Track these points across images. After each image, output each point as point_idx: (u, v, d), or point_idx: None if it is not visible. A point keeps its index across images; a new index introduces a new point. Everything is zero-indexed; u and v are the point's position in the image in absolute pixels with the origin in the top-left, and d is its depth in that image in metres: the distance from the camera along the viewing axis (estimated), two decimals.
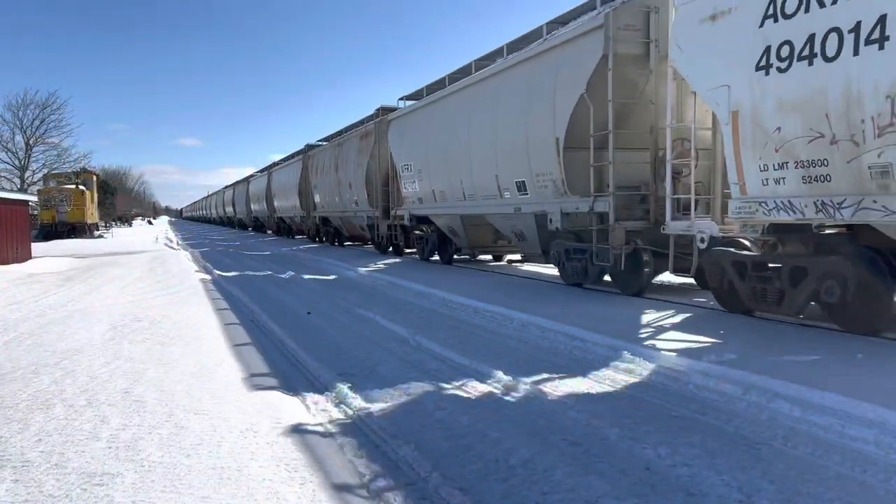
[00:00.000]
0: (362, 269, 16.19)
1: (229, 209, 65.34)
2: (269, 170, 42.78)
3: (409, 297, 11.59)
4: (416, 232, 18.61)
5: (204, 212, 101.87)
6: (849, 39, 6.15)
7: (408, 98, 18.19)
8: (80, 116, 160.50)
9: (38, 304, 10.97)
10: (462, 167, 14.08)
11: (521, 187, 11.88)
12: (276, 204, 38.90)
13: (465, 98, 14.06)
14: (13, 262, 18.89)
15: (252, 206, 48.79)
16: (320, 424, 4.90)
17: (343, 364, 6.73)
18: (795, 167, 6.79)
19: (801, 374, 5.35)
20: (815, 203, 6.61)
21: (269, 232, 44.22)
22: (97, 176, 51.47)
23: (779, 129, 6.88)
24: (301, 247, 27.95)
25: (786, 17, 6.75)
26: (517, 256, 16.96)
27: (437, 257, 17.67)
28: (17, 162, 50.58)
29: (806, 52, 6.52)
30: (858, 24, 6.04)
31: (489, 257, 17.80)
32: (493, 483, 3.82)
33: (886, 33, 5.78)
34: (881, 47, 5.83)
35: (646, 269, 9.81)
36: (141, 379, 5.86)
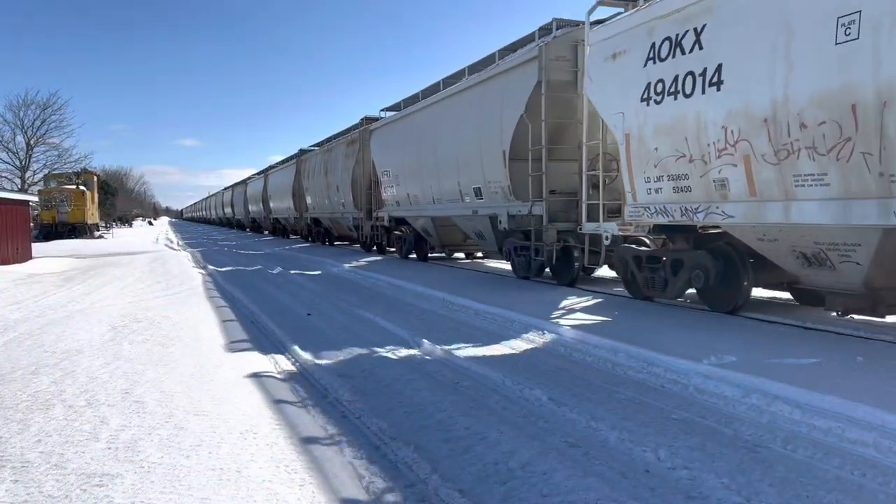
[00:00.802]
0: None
1: (228, 210, 66.78)
2: (265, 172, 44.05)
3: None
4: (396, 232, 20.23)
5: (204, 212, 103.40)
6: (699, 81, 7.93)
7: (388, 109, 19.92)
8: (80, 117, 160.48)
9: (38, 305, 10.97)
10: (431, 174, 15.83)
11: (478, 193, 13.72)
12: (272, 205, 40.40)
13: (434, 113, 15.82)
14: (13, 262, 18.90)
15: (250, 208, 50.20)
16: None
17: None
18: (668, 180, 8.61)
19: (802, 378, 5.36)
20: (681, 208, 8.44)
21: (266, 232, 45.43)
22: (97, 176, 51.48)
23: (656, 149, 8.67)
24: (294, 246, 29.49)
25: (661, 60, 8.54)
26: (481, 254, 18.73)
27: (414, 255, 19.29)
28: (17, 162, 50.56)
29: (672, 89, 8.34)
30: (705, 69, 7.81)
31: (462, 255, 19.19)
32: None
33: (722, 78, 7.57)
34: (718, 89, 7.64)
35: (576, 264, 11.52)
36: (141, 380, 5.86)
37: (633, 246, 10.00)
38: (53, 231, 38.98)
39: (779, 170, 7.07)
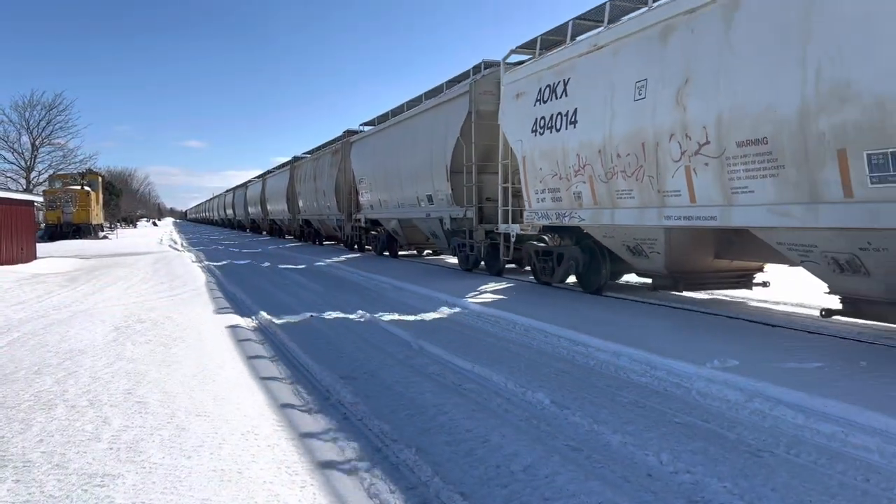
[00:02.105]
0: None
1: (230, 211, 69.38)
2: (263, 176, 46.58)
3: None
4: (372, 232, 23.11)
5: (207, 214, 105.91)
6: (565, 119, 10.73)
7: (366, 124, 22.94)
8: (86, 118, 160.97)
9: (42, 305, 10.99)
10: (396, 183, 18.83)
11: (430, 199, 16.56)
12: (269, 208, 43.10)
13: (398, 130, 18.89)
14: (18, 262, 18.94)
15: (249, 210, 52.87)
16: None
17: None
18: (548, 192, 11.41)
19: (805, 382, 5.33)
20: (556, 213, 11.28)
21: (264, 233, 47.71)
22: (102, 177, 51.61)
23: (541, 169, 11.46)
24: (287, 245, 32.69)
25: (544, 102, 11.31)
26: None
27: (387, 253, 21.88)
28: (23, 162, 50.61)
29: (550, 124, 11.14)
30: (568, 111, 10.65)
31: (429, 252, 21.52)
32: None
33: (577, 118, 10.42)
34: (575, 126, 10.47)
35: (501, 257, 13.75)
36: (143, 380, 5.85)
37: (535, 242, 12.74)
38: (58, 231, 39.08)
39: (608, 186, 9.87)
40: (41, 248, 23.78)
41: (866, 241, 6.50)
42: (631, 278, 12.25)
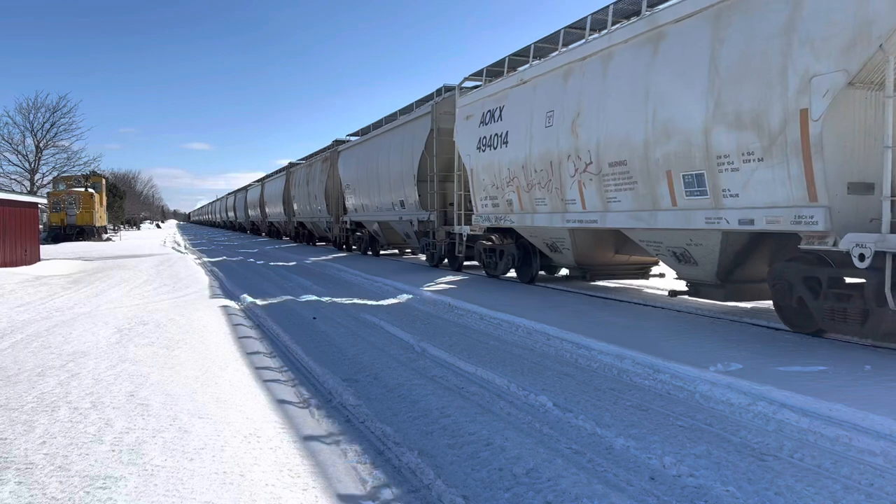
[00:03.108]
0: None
1: (231, 214, 71.95)
2: (262, 181, 48.95)
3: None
4: (357, 233, 25.34)
5: (210, 216, 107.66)
6: (499, 140, 13.00)
7: (353, 135, 25.81)
8: (91, 120, 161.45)
9: (45, 307, 11.00)
10: (375, 189, 21.26)
11: (402, 204, 18.87)
12: (267, 210, 45.42)
13: (377, 143, 21.31)
14: (22, 264, 18.97)
15: (249, 212, 55.25)
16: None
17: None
18: (489, 199, 13.75)
19: (809, 386, 5.31)
20: (494, 217, 13.61)
21: (263, 234, 49.70)
22: (106, 179, 51.68)
23: (484, 180, 13.81)
24: (283, 245, 35.02)
25: (486, 124, 13.63)
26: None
27: (371, 252, 24.35)
28: (27, 165, 50.74)
29: (489, 143, 13.46)
30: (502, 133, 12.92)
31: (408, 251, 23.70)
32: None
33: (508, 140, 12.66)
34: (507, 146, 12.74)
35: (458, 254, 15.98)
36: (146, 382, 5.85)
37: (484, 241, 14.81)
38: (62, 233, 39.14)
39: (529, 195, 12.15)
40: (45, 250, 23.83)
41: (690, 238, 8.71)
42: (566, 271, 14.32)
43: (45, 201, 38.00)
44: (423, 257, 21.12)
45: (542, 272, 13.97)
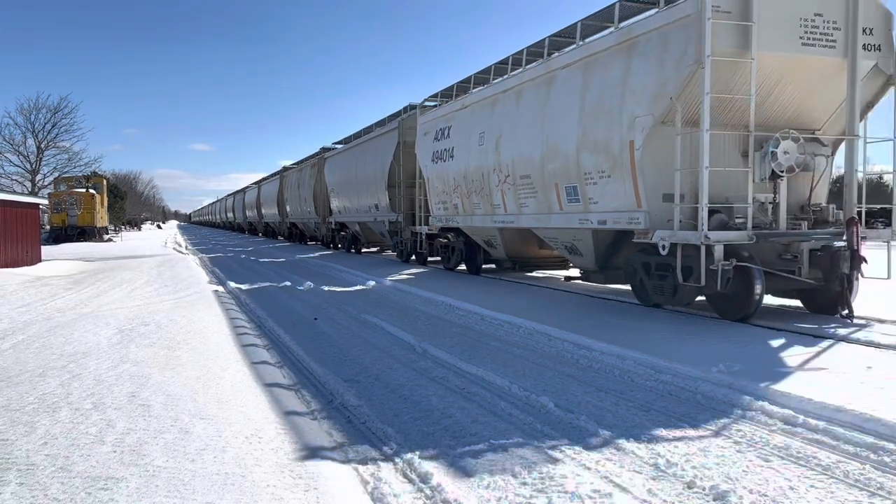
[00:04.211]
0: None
1: (230, 215, 73.78)
2: (259, 183, 51.09)
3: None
4: (342, 233, 27.71)
5: (210, 217, 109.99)
6: (447, 154, 15.43)
7: (338, 143, 28.12)
8: (93, 121, 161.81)
9: (46, 307, 10.99)
10: (355, 192, 23.73)
11: (377, 207, 21.40)
12: (263, 211, 47.73)
13: (356, 152, 23.82)
14: (23, 265, 18.96)
15: (247, 213, 57.22)
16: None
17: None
18: (441, 203, 16.25)
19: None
20: (445, 218, 16.09)
21: (260, 235, 51.57)
22: (107, 180, 51.67)
23: (437, 187, 16.27)
24: (276, 244, 37.51)
25: (438, 140, 16.06)
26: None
27: (354, 250, 26.43)
28: (28, 165, 50.68)
29: (440, 156, 15.87)
30: (449, 148, 15.35)
31: (387, 249, 24.92)
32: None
33: (454, 154, 15.07)
34: (453, 159, 15.13)
35: (420, 251, 18.61)
36: (147, 383, 5.83)
37: (442, 239, 16.99)
38: (63, 234, 39.16)
39: (469, 200, 14.63)
40: (46, 250, 23.81)
41: (574, 235, 11.05)
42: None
43: (46, 202, 38.04)
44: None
45: (492, 265, 15.95)
